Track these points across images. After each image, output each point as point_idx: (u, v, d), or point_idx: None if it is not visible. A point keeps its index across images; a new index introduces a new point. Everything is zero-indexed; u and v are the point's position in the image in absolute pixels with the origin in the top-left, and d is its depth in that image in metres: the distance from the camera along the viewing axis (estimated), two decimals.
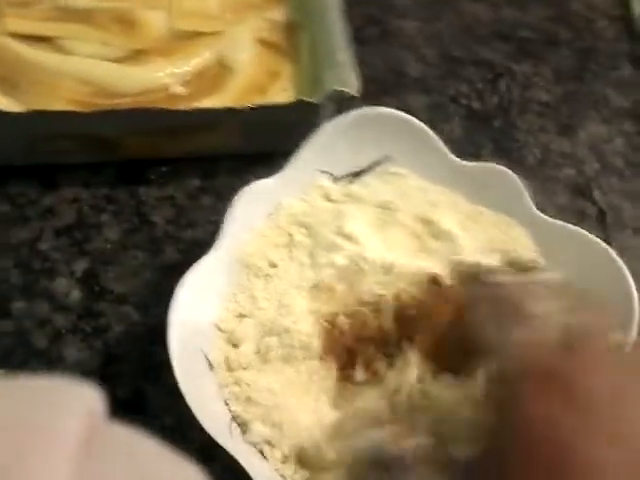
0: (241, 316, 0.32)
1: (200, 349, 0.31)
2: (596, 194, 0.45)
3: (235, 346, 0.31)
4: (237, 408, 0.29)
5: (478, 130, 0.46)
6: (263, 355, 0.30)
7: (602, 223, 0.45)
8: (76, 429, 0.12)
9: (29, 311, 0.35)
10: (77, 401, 0.13)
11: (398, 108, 0.46)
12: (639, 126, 0.48)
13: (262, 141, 0.39)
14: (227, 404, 0.30)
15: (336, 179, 0.35)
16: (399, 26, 0.49)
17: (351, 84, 0.35)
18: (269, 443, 0.29)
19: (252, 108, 0.33)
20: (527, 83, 0.48)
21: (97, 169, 0.39)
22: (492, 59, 0.49)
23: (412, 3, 0.51)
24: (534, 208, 0.36)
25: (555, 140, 0.46)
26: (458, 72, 0.48)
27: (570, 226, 0.35)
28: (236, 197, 0.32)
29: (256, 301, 0.32)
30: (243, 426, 0.29)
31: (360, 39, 0.49)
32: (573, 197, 0.45)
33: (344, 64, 0.36)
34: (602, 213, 0.45)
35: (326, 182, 0.35)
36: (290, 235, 0.34)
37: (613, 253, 0.34)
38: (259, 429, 0.29)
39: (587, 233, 0.35)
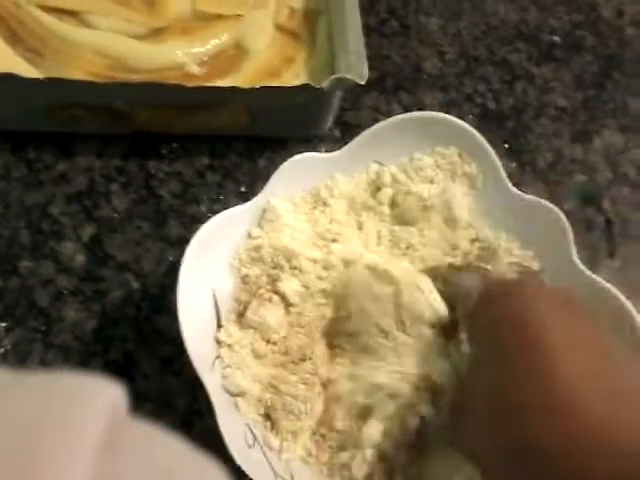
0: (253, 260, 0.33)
1: (212, 288, 0.32)
2: (605, 203, 0.45)
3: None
4: (225, 352, 0.31)
5: (491, 130, 0.46)
6: None
7: (608, 233, 0.44)
8: (98, 425, 0.12)
9: (35, 270, 0.37)
10: (99, 397, 0.13)
11: (413, 103, 0.46)
12: None
13: (270, 124, 0.39)
14: (218, 343, 0.31)
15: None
16: (421, 22, 0.50)
17: (359, 72, 0.35)
18: (243, 396, 0.30)
19: (256, 89, 0.34)
20: (545, 87, 0.48)
21: (111, 141, 0.41)
22: (512, 61, 0.49)
23: (437, 0, 0.51)
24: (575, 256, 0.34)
25: (568, 146, 0.46)
26: (476, 71, 0.48)
27: (613, 291, 0.32)
28: (285, 164, 0.33)
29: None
30: (226, 369, 0.30)
31: (381, 32, 0.49)
32: (581, 204, 0.44)
33: (355, 52, 0.36)
34: (609, 223, 0.44)
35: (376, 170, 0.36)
36: (324, 202, 0.35)
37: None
38: (238, 380, 0.30)
39: (622, 298, 0.32)
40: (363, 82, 0.35)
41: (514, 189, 0.37)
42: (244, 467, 0.27)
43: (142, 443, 0.13)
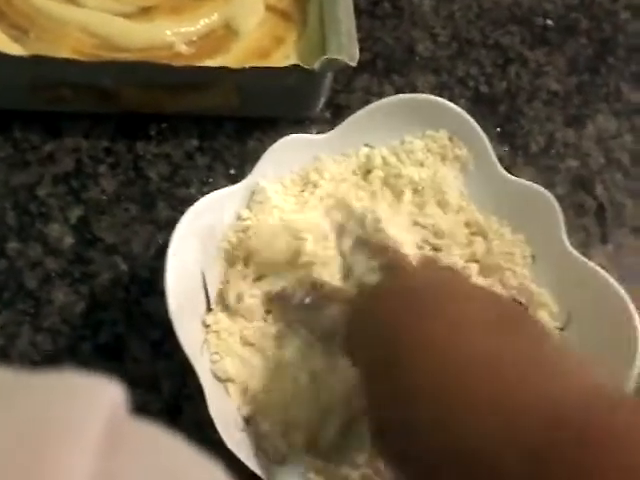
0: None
1: (201, 269, 0.32)
2: (598, 189, 0.45)
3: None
4: (212, 338, 0.30)
5: (483, 113, 0.45)
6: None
7: (601, 219, 0.44)
8: (98, 425, 0.12)
9: (22, 252, 0.37)
10: (99, 397, 0.13)
11: (404, 86, 0.46)
12: None
13: (260, 105, 0.39)
14: (206, 327, 0.31)
15: None
16: (414, 4, 0.49)
17: (350, 54, 0.35)
18: (232, 381, 0.30)
19: (246, 69, 0.34)
20: (538, 71, 0.48)
21: (99, 121, 0.40)
22: (505, 44, 0.48)
23: None
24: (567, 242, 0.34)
25: (561, 130, 0.46)
26: (469, 54, 0.47)
27: (605, 275, 0.33)
28: (274, 145, 0.33)
29: None
30: (214, 355, 0.30)
31: (374, 14, 0.48)
32: (573, 189, 0.44)
33: (346, 34, 0.36)
34: (602, 208, 0.44)
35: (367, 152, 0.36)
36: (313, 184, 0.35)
37: (632, 309, 0.31)
38: (226, 366, 0.30)
39: (613, 282, 0.32)
40: (354, 64, 0.35)
41: (505, 173, 0.36)
42: (235, 451, 0.27)
43: (144, 442, 0.13)
